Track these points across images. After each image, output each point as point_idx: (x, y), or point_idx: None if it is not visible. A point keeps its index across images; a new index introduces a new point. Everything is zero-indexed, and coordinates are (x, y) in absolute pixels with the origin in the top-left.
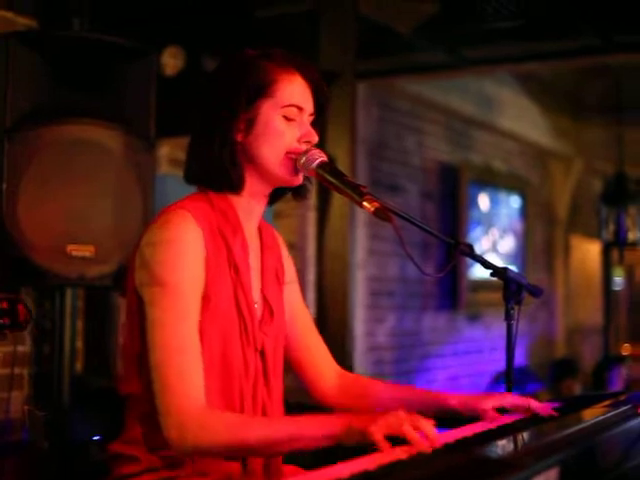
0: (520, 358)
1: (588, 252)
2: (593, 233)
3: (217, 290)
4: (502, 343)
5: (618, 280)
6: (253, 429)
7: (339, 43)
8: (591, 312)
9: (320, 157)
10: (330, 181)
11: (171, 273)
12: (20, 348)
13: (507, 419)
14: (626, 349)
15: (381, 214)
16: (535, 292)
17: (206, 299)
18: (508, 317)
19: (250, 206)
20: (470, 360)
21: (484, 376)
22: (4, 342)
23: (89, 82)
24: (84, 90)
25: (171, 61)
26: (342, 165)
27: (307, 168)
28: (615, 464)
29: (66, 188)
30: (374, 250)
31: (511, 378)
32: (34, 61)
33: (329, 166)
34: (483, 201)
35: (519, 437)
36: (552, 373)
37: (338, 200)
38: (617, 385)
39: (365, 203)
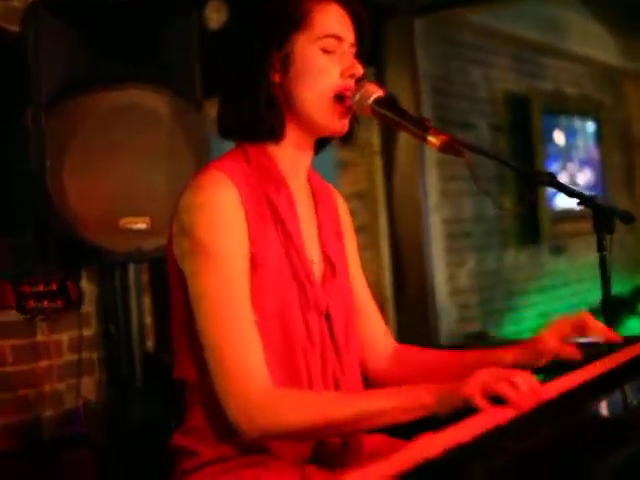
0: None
1: None
2: None
3: (265, 252)
4: (588, 274)
5: None
6: (332, 405)
7: None
8: None
9: (376, 92)
10: (389, 117)
11: (212, 238)
12: (86, 332)
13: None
14: None
15: (449, 148)
16: (627, 219)
17: (254, 263)
18: (601, 248)
19: (294, 157)
20: (557, 295)
21: (574, 309)
22: (69, 326)
23: (127, 46)
24: (123, 56)
25: (215, 15)
26: (406, 105)
27: (362, 105)
28: None
29: (113, 158)
30: (447, 191)
31: (608, 312)
32: (66, 30)
33: (387, 101)
34: (558, 135)
35: (631, 389)
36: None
37: (404, 141)
38: None
39: (430, 137)
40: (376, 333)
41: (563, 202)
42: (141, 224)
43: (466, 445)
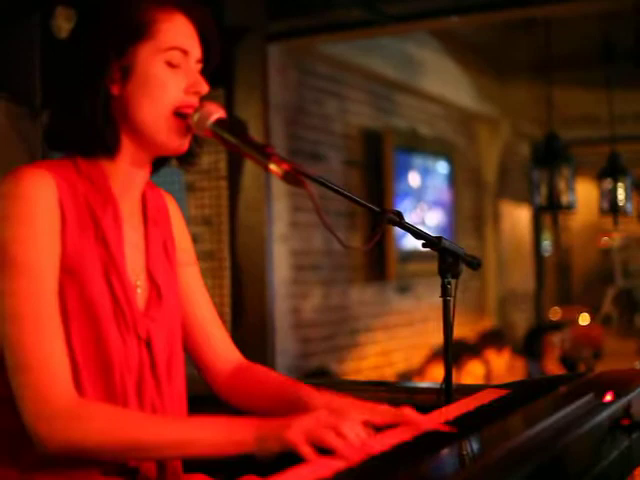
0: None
1: (518, 218)
2: (522, 198)
3: (81, 265)
4: (433, 315)
5: (546, 245)
6: (143, 425)
7: None
8: (523, 279)
9: (217, 113)
10: (229, 141)
11: (17, 233)
12: None
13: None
14: (555, 313)
15: (291, 178)
16: (473, 264)
17: (69, 272)
18: (445, 292)
19: (128, 174)
20: (401, 334)
21: (417, 349)
22: None
23: None
24: None
25: (64, 24)
26: (254, 132)
27: (201, 126)
28: (585, 469)
29: None
30: (297, 222)
31: (450, 359)
32: None
33: (228, 123)
34: (411, 174)
35: (467, 447)
36: (478, 345)
37: (251, 167)
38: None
39: (272, 166)
40: (221, 349)
41: (411, 242)
42: None
43: None
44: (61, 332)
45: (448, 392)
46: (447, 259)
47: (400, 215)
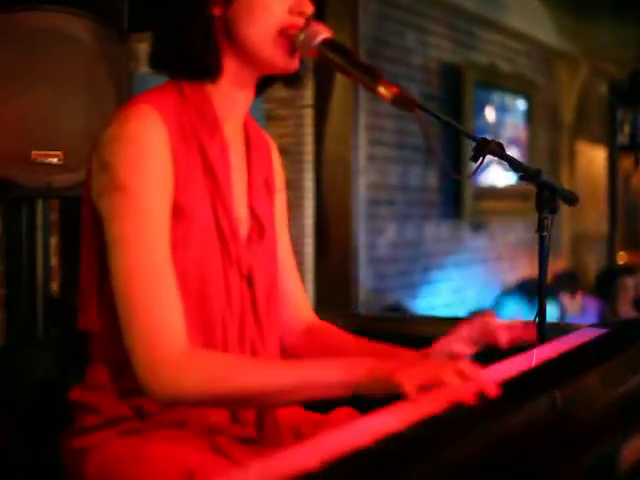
0: (529, 270)
1: (593, 158)
2: (598, 139)
3: (190, 201)
4: (507, 253)
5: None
6: (253, 373)
7: None
8: (596, 220)
9: (324, 33)
10: (336, 62)
11: (133, 176)
12: None
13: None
14: (622, 257)
15: (401, 101)
16: (570, 199)
17: (177, 211)
18: (542, 228)
19: (233, 97)
20: (474, 271)
21: (489, 287)
22: None
23: None
24: None
25: None
26: None
27: (307, 46)
28: None
29: (27, 85)
30: (374, 156)
31: (543, 295)
32: None
33: (335, 43)
34: (488, 111)
35: (586, 385)
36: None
37: (339, 97)
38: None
39: (381, 88)
40: (293, 304)
41: (487, 179)
42: (53, 158)
43: (401, 435)
44: (172, 269)
45: (541, 330)
46: (544, 194)
47: (502, 146)
